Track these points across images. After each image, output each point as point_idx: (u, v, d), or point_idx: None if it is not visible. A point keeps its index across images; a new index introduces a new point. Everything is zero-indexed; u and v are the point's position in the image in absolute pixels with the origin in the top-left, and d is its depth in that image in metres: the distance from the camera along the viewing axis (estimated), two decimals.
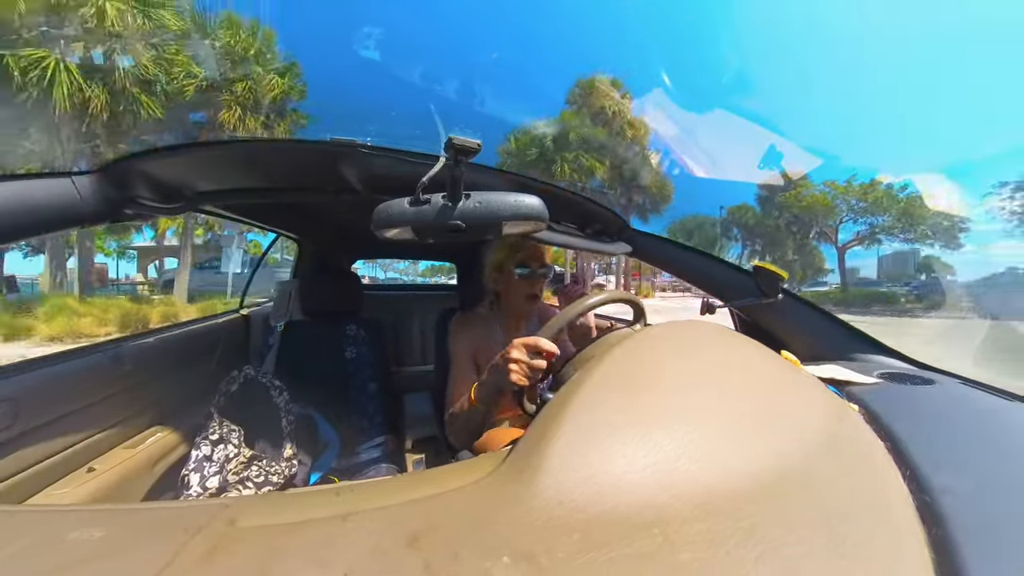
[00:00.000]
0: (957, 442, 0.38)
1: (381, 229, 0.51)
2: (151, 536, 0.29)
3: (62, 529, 0.28)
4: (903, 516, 0.28)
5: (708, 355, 0.47)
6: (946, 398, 0.50)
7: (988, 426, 0.43)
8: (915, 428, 0.39)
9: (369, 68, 5.07)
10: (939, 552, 0.26)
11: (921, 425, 0.41)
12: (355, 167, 0.78)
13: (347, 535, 0.27)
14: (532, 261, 0.96)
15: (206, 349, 1.37)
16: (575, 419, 0.34)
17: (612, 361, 0.42)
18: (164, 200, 0.83)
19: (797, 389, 0.44)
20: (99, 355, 0.95)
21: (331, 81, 9.48)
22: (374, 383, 1.42)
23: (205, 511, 0.31)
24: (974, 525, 0.27)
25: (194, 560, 0.25)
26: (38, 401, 0.76)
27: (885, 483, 0.32)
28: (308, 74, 10.54)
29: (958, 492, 0.30)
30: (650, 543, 0.24)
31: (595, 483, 0.28)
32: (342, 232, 1.78)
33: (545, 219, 0.52)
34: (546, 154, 15.33)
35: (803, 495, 0.29)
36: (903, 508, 0.29)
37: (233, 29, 10.15)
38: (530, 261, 0.96)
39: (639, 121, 16.29)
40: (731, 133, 22.68)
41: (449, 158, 0.47)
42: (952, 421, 0.44)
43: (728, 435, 0.33)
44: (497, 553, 0.24)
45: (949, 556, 0.25)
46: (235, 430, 0.91)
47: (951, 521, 0.27)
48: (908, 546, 0.26)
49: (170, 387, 1.13)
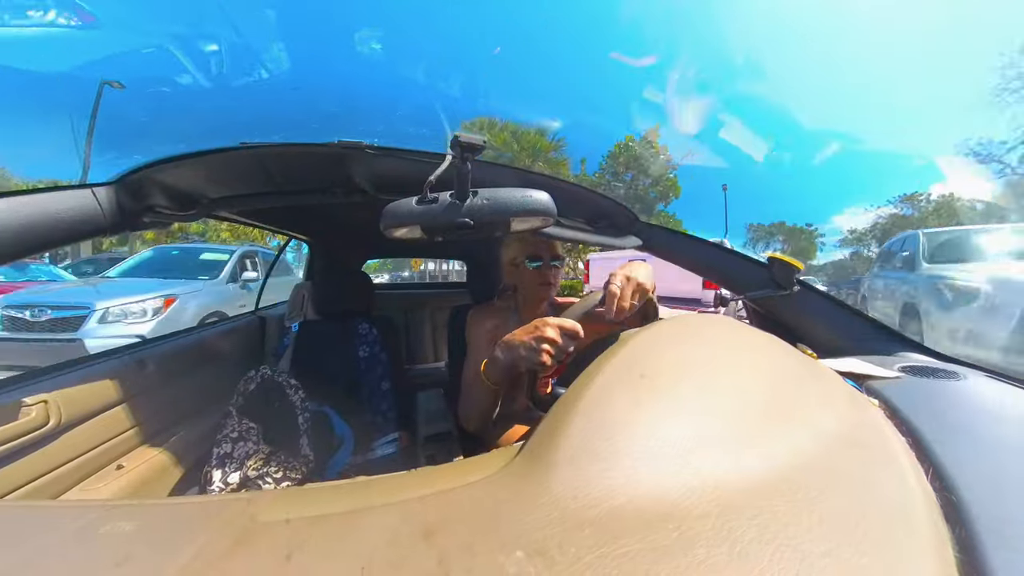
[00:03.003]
0: (983, 438, 0.37)
1: (390, 228, 0.52)
2: (178, 530, 0.30)
3: (95, 523, 0.30)
4: (926, 515, 0.28)
5: (722, 349, 0.46)
6: (971, 392, 0.48)
7: (1014, 421, 0.41)
8: (938, 424, 0.38)
9: (376, 67, 4.92)
10: (963, 552, 0.25)
11: (945, 421, 0.39)
12: (363, 168, 0.78)
13: (364, 529, 0.28)
14: (543, 253, 0.99)
15: (224, 350, 1.41)
16: (588, 413, 0.34)
17: (624, 355, 0.42)
18: (180, 208, 0.86)
19: (814, 383, 0.43)
20: (126, 358, 0.99)
21: (336, 81, 9.36)
22: (387, 380, 1.44)
23: (228, 506, 0.32)
24: (1001, 525, 0.26)
25: (218, 553, 0.26)
26: (71, 402, 0.79)
27: (907, 480, 0.31)
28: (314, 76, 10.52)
29: (984, 490, 0.29)
30: (664, 538, 0.24)
31: (608, 477, 0.28)
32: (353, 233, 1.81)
33: (553, 214, 0.52)
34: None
35: (820, 492, 0.28)
36: (926, 506, 0.28)
37: None
38: (541, 253, 0.99)
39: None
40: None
41: (456, 156, 0.47)
42: (977, 416, 0.42)
43: (743, 430, 0.33)
44: (511, 547, 0.24)
45: (974, 556, 0.24)
46: (253, 428, 0.94)
47: (976, 521, 0.26)
48: (931, 546, 0.25)
49: (192, 387, 1.16)
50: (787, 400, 0.38)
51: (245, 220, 1.37)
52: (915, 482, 0.31)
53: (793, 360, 0.48)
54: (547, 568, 0.23)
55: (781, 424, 0.34)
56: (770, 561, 0.22)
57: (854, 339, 0.75)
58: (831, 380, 0.46)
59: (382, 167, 0.78)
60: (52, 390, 0.76)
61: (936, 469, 0.32)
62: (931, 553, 0.25)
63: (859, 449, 0.34)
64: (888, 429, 0.38)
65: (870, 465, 0.33)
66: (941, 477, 0.31)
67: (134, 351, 1.05)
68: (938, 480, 0.31)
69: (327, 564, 0.25)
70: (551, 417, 0.37)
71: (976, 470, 0.31)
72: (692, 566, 0.22)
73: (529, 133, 16.77)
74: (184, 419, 1.10)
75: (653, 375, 0.38)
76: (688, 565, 0.22)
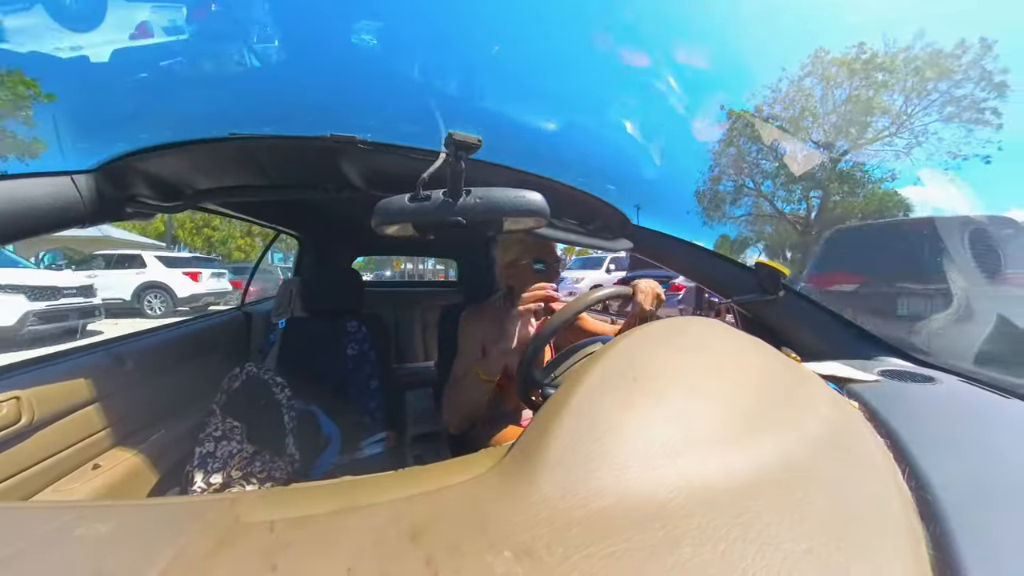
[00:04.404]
0: (956, 440, 0.38)
1: (382, 225, 0.51)
2: (157, 531, 0.29)
3: (69, 525, 0.29)
4: (902, 513, 0.29)
5: (709, 351, 0.47)
6: (946, 396, 0.50)
7: (987, 424, 0.43)
8: (915, 425, 0.39)
9: (368, 60, 4.91)
10: (937, 549, 0.26)
11: (921, 422, 0.41)
12: (355, 163, 0.78)
13: (350, 529, 0.27)
14: (548, 256, 0.99)
15: (208, 346, 1.38)
16: (576, 414, 0.34)
17: (613, 356, 0.42)
18: (164, 198, 0.83)
19: (797, 386, 0.44)
20: (103, 353, 0.95)
21: (327, 75, 9.38)
22: (375, 379, 1.43)
23: (210, 506, 0.31)
24: (972, 522, 0.27)
25: (200, 555, 0.25)
26: (44, 398, 0.76)
27: (884, 480, 0.32)
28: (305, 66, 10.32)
29: (957, 489, 0.30)
30: (651, 537, 0.24)
31: (596, 478, 0.29)
32: (343, 229, 1.78)
33: (546, 215, 0.52)
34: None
35: (803, 491, 0.29)
36: (902, 505, 0.29)
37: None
38: (546, 256, 0.98)
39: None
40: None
41: (450, 154, 0.47)
42: (952, 419, 0.44)
43: (728, 431, 0.33)
44: (499, 547, 0.24)
45: (947, 553, 0.25)
46: (238, 426, 0.92)
47: (950, 518, 0.27)
48: (907, 543, 0.26)
49: (173, 384, 1.13)
50: (771, 403, 0.39)
51: (232, 213, 1.34)
52: (892, 482, 0.32)
53: (778, 364, 0.49)
54: (535, 568, 0.23)
55: (765, 426, 0.35)
56: (753, 559, 0.23)
57: (836, 343, 0.77)
58: (813, 383, 0.47)
59: (375, 162, 0.77)
60: (25, 386, 0.73)
61: (912, 469, 0.33)
62: (907, 550, 0.26)
63: (839, 450, 0.35)
64: (867, 431, 0.39)
65: (849, 466, 0.34)
66: (917, 477, 0.32)
67: (112, 346, 1.01)
68: (914, 480, 0.32)
69: (313, 565, 0.24)
70: (541, 417, 0.37)
71: (950, 471, 0.32)
72: (678, 564, 0.23)
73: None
74: (165, 417, 1.07)
75: (643, 377, 0.38)
76: (674, 563, 0.23)
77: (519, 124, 1.04)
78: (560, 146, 1.11)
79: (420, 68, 1.06)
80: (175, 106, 0.87)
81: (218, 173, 0.85)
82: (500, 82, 1.12)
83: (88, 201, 0.69)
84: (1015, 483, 0.32)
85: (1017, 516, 0.28)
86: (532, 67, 1.26)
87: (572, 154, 1.11)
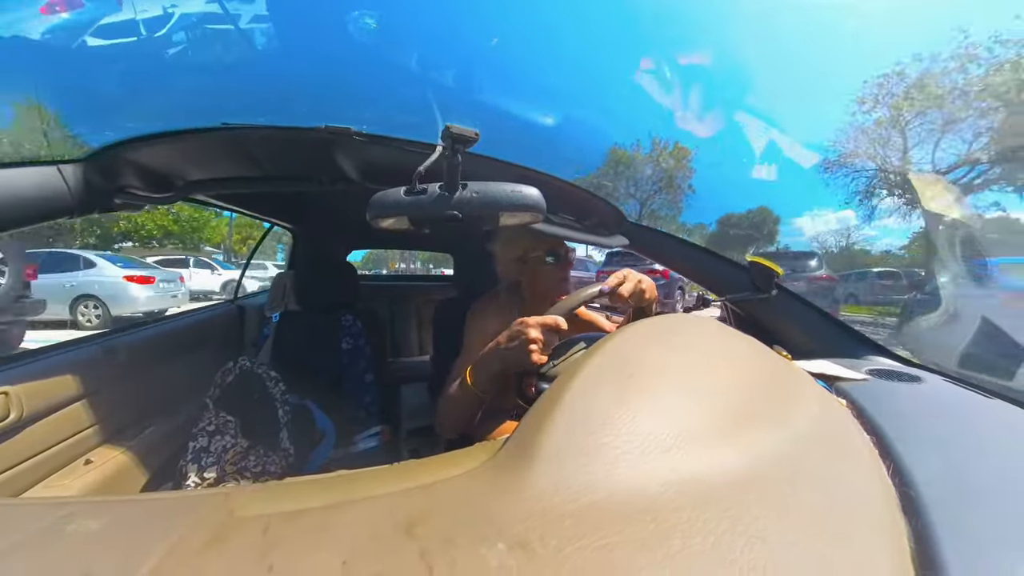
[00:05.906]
0: (940, 438, 0.39)
1: (377, 218, 0.51)
2: (150, 527, 0.29)
3: (60, 521, 0.29)
4: (886, 508, 0.29)
5: (701, 348, 0.47)
6: (931, 395, 0.51)
7: (970, 423, 0.44)
8: (900, 423, 0.40)
9: (365, 51, 4.70)
10: (919, 543, 0.26)
11: (906, 421, 0.42)
12: (350, 155, 0.77)
13: (344, 523, 0.27)
14: (559, 247, 0.95)
15: (201, 340, 1.36)
16: (570, 409, 0.35)
17: (606, 351, 0.43)
18: (154, 189, 0.82)
19: (787, 383, 0.45)
20: (94, 347, 0.94)
21: (324, 66, 9.03)
22: (370, 373, 1.43)
23: (203, 501, 0.31)
24: (953, 518, 0.28)
25: (193, 549, 0.25)
26: (34, 394, 0.75)
27: (870, 476, 0.33)
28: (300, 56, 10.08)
29: (939, 486, 0.31)
30: (642, 530, 0.25)
31: (589, 472, 0.29)
32: (338, 222, 1.77)
33: (543, 210, 0.52)
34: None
35: (790, 486, 0.29)
36: (886, 500, 0.30)
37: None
38: (558, 248, 0.95)
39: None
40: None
41: (446, 147, 0.47)
42: (935, 417, 0.45)
43: (719, 426, 0.34)
44: (493, 540, 0.25)
45: (928, 547, 0.26)
46: (231, 421, 0.91)
47: (931, 513, 0.28)
48: (889, 537, 0.27)
49: (165, 378, 1.12)
50: (762, 400, 0.40)
51: (224, 205, 1.32)
52: (877, 478, 0.33)
53: (769, 361, 0.50)
54: (528, 560, 0.23)
55: (755, 422, 0.36)
56: (741, 551, 0.23)
57: (826, 342, 0.78)
58: (803, 381, 0.48)
59: (370, 155, 0.76)
60: (13, 382, 0.72)
61: (896, 466, 0.34)
62: (889, 543, 0.26)
63: (826, 446, 0.36)
64: (854, 428, 0.40)
65: (836, 461, 0.34)
66: (901, 473, 0.33)
67: (103, 340, 1.00)
68: (898, 476, 0.33)
69: (308, 559, 0.25)
70: (536, 412, 0.37)
71: (933, 467, 0.33)
72: (668, 556, 0.23)
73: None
74: (157, 412, 1.06)
75: (633, 372, 0.39)
76: (664, 555, 0.23)
77: (517, 118, 1.03)
78: (558, 141, 1.10)
79: (418, 59, 1.04)
80: (166, 95, 0.86)
81: (210, 164, 0.84)
82: (499, 76, 1.11)
83: (76, 192, 0.68)
84: (995, 480, 0.33)
85: (996, 512, 0.29)
86: (532, 61, 1.25)
87: (569, 149, 1.10)
